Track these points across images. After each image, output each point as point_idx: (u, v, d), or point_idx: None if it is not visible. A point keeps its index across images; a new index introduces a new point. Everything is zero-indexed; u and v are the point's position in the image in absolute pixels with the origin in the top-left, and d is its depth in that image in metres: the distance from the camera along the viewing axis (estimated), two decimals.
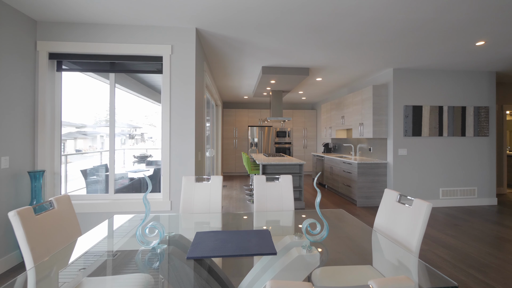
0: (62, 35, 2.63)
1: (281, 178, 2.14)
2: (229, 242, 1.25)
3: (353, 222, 1.75)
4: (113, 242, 1.42)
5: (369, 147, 5.13)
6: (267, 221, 1.78)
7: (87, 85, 3.79)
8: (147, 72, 2.81)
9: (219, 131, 7.27)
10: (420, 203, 1.27)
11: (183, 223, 1.75)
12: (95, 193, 3.56)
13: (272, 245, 1.22)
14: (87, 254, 1.24)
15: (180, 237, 1.40)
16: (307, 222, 1.28)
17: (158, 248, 1.22)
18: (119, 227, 1.63)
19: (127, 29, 2.68)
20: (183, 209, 2.03)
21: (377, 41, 3.13)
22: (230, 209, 4.28)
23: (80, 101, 4.16)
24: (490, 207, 4.42)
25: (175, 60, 2.74)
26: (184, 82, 2.75)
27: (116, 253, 1.27)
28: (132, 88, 4.10)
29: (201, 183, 2.10)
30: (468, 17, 2.52)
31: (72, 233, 1.39)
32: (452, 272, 2.29)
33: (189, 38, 2.75)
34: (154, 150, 6.12)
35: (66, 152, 5.22)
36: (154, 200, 2.72)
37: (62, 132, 2.80)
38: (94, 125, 5.50)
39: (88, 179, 4.07)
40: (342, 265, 1.23)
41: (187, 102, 2.75)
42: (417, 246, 1.21)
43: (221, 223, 1.74)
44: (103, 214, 2.69)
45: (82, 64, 2.76)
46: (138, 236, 1.19)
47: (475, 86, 4.57)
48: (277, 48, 3.39)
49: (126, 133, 6.62)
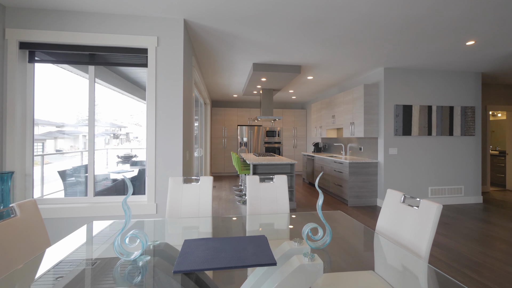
0: (34, 22, 2.39)
1: (275, 178, 2.01)
2: (222, 251, 1.11)
3: (353, 224, 1.65)
4: (92, 249, 1.27)
5: (360, 146, 5.12)
6: (262, 225, 1.66)
7: (69, 82, 3.53)
8: (130, 66, 2.62)
9: (207, 130, 7.07)
10: (429, 204, 1.18)
11: (170, 228, 1.60)
12: (74, 196, 3.30)
13: (270, 254, 1.09)
14: (62, 263, 1.08)
15: (166, 246, 1.25)
16: (308, 227, 1.17)
17: (140, 260, 1.06)
18: (98, 233, 1.45)
19: (109, 18, 2.48)
20: (169, 213, 1.86)
21: (371, 38, 3.08)
22: (219, 211, 4.12)
23: (61, 99, 3.88)
24: (476, 205, 4.50)
25: (161, 53, 2.56)
26: (171, 77, 2.57)
27: (95, 262, 1.11)
28: (116, 84, 3.86)
29: (190, 184, 1.95)
30: (461, 15, 2.50)
31: (38, 244, 1.20)
32: (448, 273, 2.25)
33: (177, 29, 2.58)
34: (139, 150, 5.86)
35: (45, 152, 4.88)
36: (138, 203, 2.52)
37: (41, 132, 2.55)
38: (76, 124, 5.20)
39: (66, 180, 3.79)
40: (342, 271, 1.13)
41: (174, 98, 2.58)
42: (426, 251, 1.12)
43: (212, 228, 1.60)
44: (81, 219, 2.47)
45: (57, 55, 2.52)
46: (117, 246, 1.03)
47: (462, 87, 4.65)
48: (269, 43, 3.27)
49: (111, 132, 6.30)
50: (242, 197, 4.98)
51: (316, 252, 1.18)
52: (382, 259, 1.29)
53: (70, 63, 2.55)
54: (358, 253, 1.35)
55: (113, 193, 3.18)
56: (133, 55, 2.57)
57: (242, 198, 4.85)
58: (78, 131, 5.73)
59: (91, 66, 2.56)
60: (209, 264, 1.00)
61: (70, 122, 5.24)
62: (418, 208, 1.23)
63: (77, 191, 3.76)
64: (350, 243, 1.44)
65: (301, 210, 4.22)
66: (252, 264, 0.99)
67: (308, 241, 1.15)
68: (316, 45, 3.31)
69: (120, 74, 3.52)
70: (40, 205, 2.43)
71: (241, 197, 4.99)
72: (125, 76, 3.63)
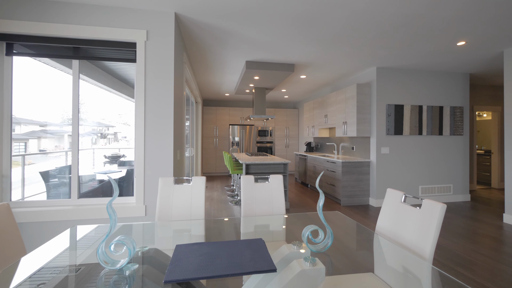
0: (13, 12, 2.23)
1: (271, 178, 1.95)
2: (217, 257, 1.03)
3: (352, 225, 1.61)
4: (76, 254, 1.17)
5: (352, 146, 5.13)
6: (258, 227, 1.59)
7: (53, 78, 3.34)
8: (117, 61, 2.48)
9: (199, 129, 6.94)
10: (432, 204, 1.14)
11: (160, 232, 1.50)
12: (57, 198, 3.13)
13: (269, 259, 1.02)
14: (44, 270, 0.98)
15: (156, 252, 1.16)
16: (308, 229, 1.10)
17: (127, 269, 0.96)
18: (82, 237, 1.34)
19: (94, 9, 2.34)
20: (160, 215, 1.76)
21: (364, 36, 3.06)
22: (211, 211, 4.02)
23: (45, 97, 3.68)
24: (465, 203, 4.59)
25: (151, 48, 2.44)
26: (161, 73, 2.46)
27: (79, 268, 1.01)
28: (104, 82, 3.68)
29: (181, 185, 1.85)
30: (454, 14, 2.51)
31: (11, 252, 1.09)
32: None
33: (168, 23, 2.47)
34: (128, 150, 5.67)
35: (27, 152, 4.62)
36: (126, 205, 2.40)
37: (24, 131, 2.38)
38: (61, 123, 4.96)
39: (49, 182, 3.59)
40: (340, 273, 1.07)
41: (164, 95, 2.47)
42: (430, 253, 1.08)
43: (205, 231, 1.51)
44: (64, 223, 2.32)
45: (38, 48, 2.36)
46: (101, 254, 0.93)
47: (451, 87, 4.73)
48: (263, 40, 3.20)
49: (98, 132, 6.08)
50: (234, 197, 4.89)
51: (317, 256, 1.12)
52: (383, 261, 1.25)
53: (52, 56, 2.40)
54: (357, 255, 1.30)
55: (99, 195, 3.03)
56: (121, 50, 2.44)
57: (234, 199, 4.76)
58: (63, 130, 5.48)
59: (75, 60, 2.42)
60: (203, 272, 0.92)
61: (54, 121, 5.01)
62: (421, 208, 1.19)
63: (60, 193, 3.57)
64: (350, 244, 1.39)
65: (294, 210, 4.18)
66: (251, 271, 0.92)
67: (309, 244, 1.09)
68: (309, 43, 3.27)
69: (107, 70, 3.36)
70: (18, 209, 2.26)
71: (233, 197, 4.90)
72: (113, 73, 3.47)
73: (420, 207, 1.20)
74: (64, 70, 3.00)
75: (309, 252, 1.16)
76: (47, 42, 2.30)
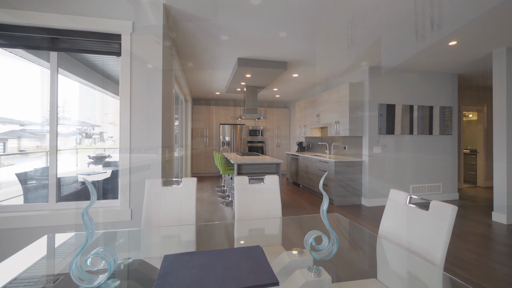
0: None
1: (266, 178, 1.84)
2: (211, 269, 0.91)
3: (353, 228, 1.53)
4: (54, 263, 1.04)
5: (344, 145, 5.11)
6: (254, 232, 1.48)
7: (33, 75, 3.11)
8: (100, 53, 2.31)
9: (188, 128, 6.75)
10: (442, 206, 1.07)
11: (147, 239, 1.36)
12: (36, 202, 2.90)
13: (270, 270, 0.92)
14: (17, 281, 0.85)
15: (141, 264, 1.03)
16: (311, 236, 1.01)
17: (107, 286, 0.83)
18: (61, 244, 1.19)
19: None
20: (146, 220, 1.62)
21: (357, 34, 3.01)
22: (202, 214, 3.87)
23: (24, 95, 3.42)
24: (453, 202, 4.66)
25: (137, 40, 2.28)
26: (148, 68, 2.31)
27: (57, 278, 0.91)
28: (88, 78, 3.46)
29: (170, 187, 1.72)
30: (447, 13, 2.50)
31: None
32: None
33: (156, 14, 2.32)
34: (114, 150, 5.42)
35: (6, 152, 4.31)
36: (111, 209, 2.23)
37: (2, 131, 2.17)
38: (42, 123, 4.67)
39: (27, 184, 3.34)
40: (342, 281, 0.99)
41: (152, 92, 2.31)
42: (442, 258, 1.00)
43: (196, 237, 1.39)
44: (41, 229, 2.13)
45: (11, 38, 2.16)
46: (75, 270, 0.80)
47: (441, 87, 4.79)
48: (255, 36, 3.09)
49: (83, 131, 5.79)
50: (225, 198, 4.76)
51: (321, 265, 1.03)
52: (387, 266, 1.17)
53: (27, 47, 2.20)
54: (361, 260, 1.22)
55: (81, 198, 2.83)
56: (104, 42, 2.27)
57: (226, 200, 4.63)
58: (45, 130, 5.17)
59: (54, 52, 2.23)
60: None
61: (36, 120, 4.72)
62: (429, 210, 1.12)
63: (39, 196, 3.33)
64: (352, 248, 1.31)
65: (287, 210, 4.10)
66: (251, 286, 0.81)
67: (312, 252, 1.00)
68: (302, 40, 3.20)
69: (92, 66, 3.15)
70: None
71: (224, 198, 4.77)
72: (97, 69, 3.27)
73: (428, 209, 1.13)
74: (44, 64, 2.79)
75: (312, 260, 1.06)
76: (20, 32, 2.10)
